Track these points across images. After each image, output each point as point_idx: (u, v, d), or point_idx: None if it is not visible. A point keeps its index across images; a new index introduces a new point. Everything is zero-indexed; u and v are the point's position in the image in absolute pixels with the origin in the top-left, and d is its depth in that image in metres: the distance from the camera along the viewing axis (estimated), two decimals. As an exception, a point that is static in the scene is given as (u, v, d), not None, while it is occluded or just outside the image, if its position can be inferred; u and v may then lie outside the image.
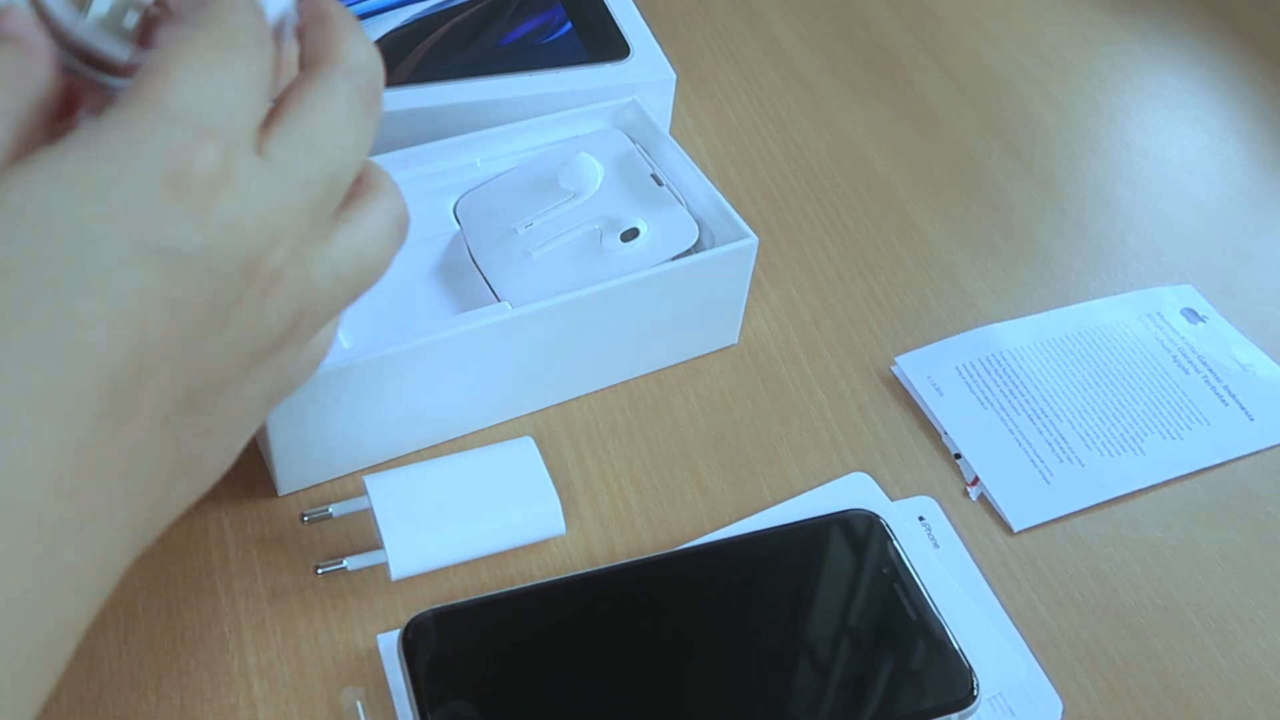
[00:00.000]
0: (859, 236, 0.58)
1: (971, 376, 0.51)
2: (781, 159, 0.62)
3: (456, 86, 0.54)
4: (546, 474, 0.44)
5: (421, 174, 0.51)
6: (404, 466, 0.44)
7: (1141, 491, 0.48)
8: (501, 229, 0.50)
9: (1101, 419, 0.50)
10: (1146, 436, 0.49)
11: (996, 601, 0.44)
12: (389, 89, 0.53)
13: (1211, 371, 0.52)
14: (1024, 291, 0.56)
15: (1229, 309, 0.55)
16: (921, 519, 0.46)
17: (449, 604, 0.41)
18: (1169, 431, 0.50)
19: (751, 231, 0.48)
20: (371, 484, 0.43)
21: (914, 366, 0.51)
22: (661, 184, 0.50)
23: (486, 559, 0.44)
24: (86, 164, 0.26)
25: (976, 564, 0.45)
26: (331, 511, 0.43)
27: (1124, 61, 0.70)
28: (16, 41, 0.29)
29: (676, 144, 0.51)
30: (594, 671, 0.40)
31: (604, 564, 0.43)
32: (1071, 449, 0.48)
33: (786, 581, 0.43)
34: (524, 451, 0.45)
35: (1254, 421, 0.50)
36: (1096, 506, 0.47)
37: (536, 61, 0.56)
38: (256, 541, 0.44)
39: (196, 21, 0.29)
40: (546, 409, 0.49)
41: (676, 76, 0.56)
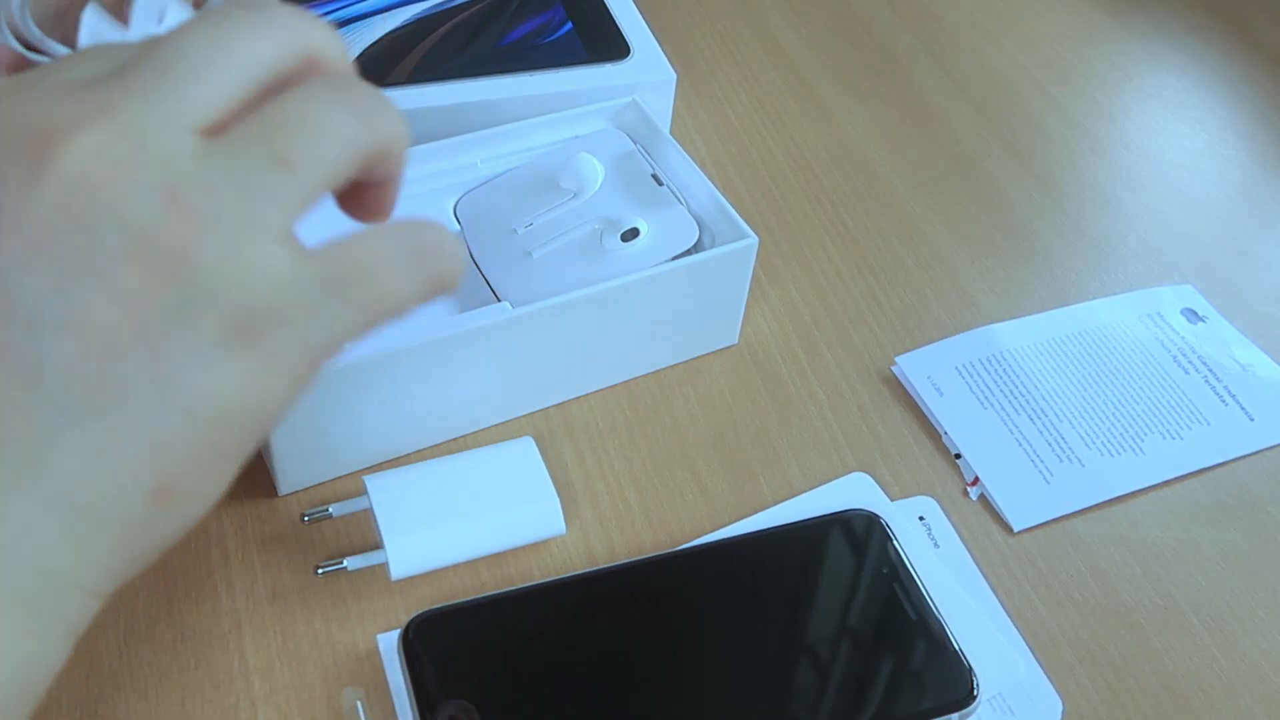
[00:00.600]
0: (859, 236, 0.58)
1: (971, 376, 0.51)
2: (781, 159, 0.62)
3: (456, 86, 0.54)
4: (546, 474, 0.44)
5: (421, 174, 0.51)
6: (404, 466, 0.44)
7: (1141, 491, 0.48)
8: (501, 229, 0.50)
9: (1101, 419, 0.50)
10: (1146, 436, 0.49)
11: (996, 601, 0.44)
12: (389, 89, 0.54)
13: (1211, 371, 0.52)
14: (1024, 291, 0.56)
15: (1229, 309, 0.55)
16: (921, 519, 0.46)
17: (449, 604, 0.41)
18: (1169, 431, 0.50)
19: (751, 231, 0.48)
20: (371, 484, 0.43)
21: (914, 366, 0.51)
22: (661, 184, 0.50)
23: (486, 559, 0.44)
24: None
25: (976, 564, 0.45)
26: (331, 511, 0.43)
27: (1124, 61, 0.70)
28: None
29: (676, 144, 0.51)
30: (594, 671, 0.40)
31: (604, 564, 0.43)
32: (1071, 449, 0.48)
33: (786, 581, 0.43)
34: (524, 451, 0.45)
35: (1254, 421, 0.50)
36: (1096, 506, 0.47)
37: (536, 61, 0.56)
38: (256, 541, 0.44)
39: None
40: (546, 409, 0.49)
41: (676, 76, 0.56)
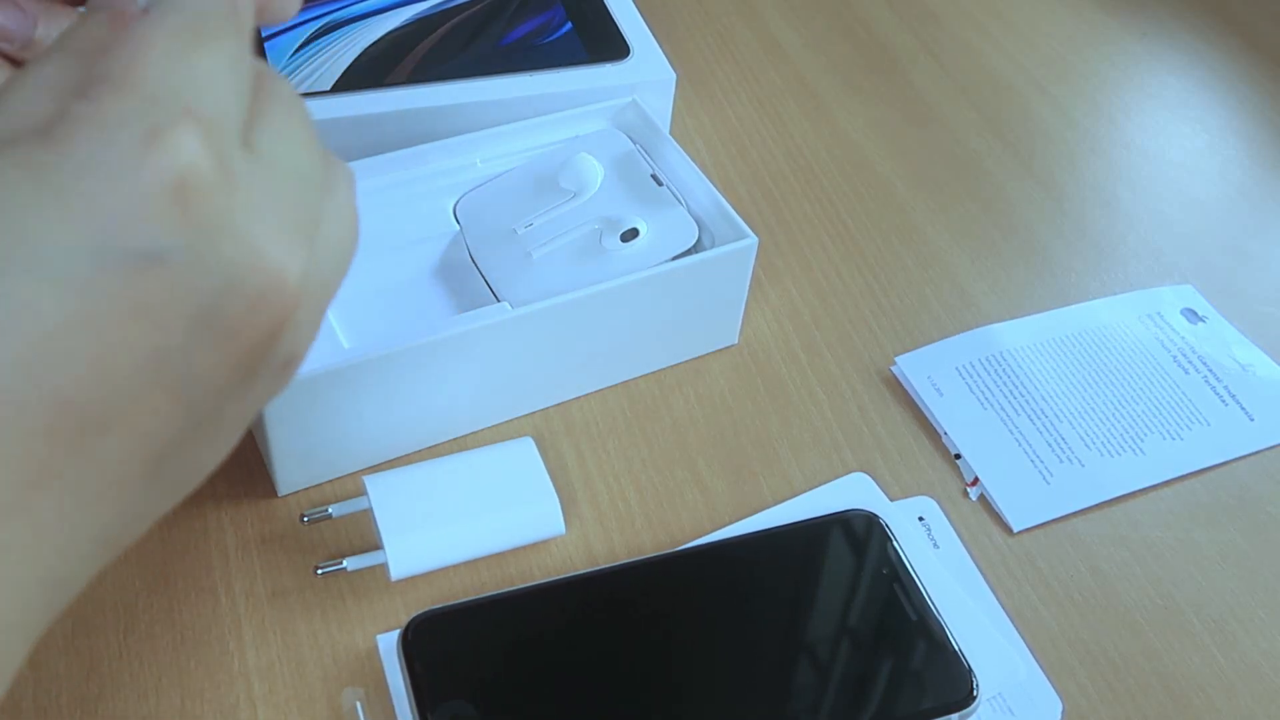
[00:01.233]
0: (859, 236, 0.58)
1: (971, 377, 0.51)
2: (781, 159, 0.62)
3: (456, 86, 0.54)
4: (546, 474, 0.44)
5: (421, 174, 0.51)
6: (404, 466, 0.44)
7: (1141, 491, 0.48)
8: (501, 229, 0.50)
9: (1101, 419, 0.50)
10: (1146, 436, 0.49)
11: (996, 601, 0.44)
12: (389, 89, 0.54)
13: (1211, 371, 0.52)
14: (1024, 291, 0.56)
15: (1229, 309, 0.55)
16: (921, 519, 0.46)
17: (449, 604, 0.41)
18: (1169, 431, 0.50)
19: (751, 231, 0.48)
20: (371, 484, 0.43)
21: (914, 366, 0.51)
22: (661, 184, 0.50)
23: (486, 559, 0.44)
24: (40, 158, 0.23)
25: (976, 564, 0.45)
26: (331, 512, 0.43)
27: (1124, 61, 0.70)
28: None
29: (676, 144, 0.51)
30: (594, 672, 0.40)
31: (604, 564, 0.43)
32: (1071, 449, 0.48)
33: (786, 582, 0.43)
34: (524, 451, 0.45)
35: (1254, 421, 0.50)
36: (1096, 506, 0.47)
37: (536, 61, 0.56)
38: (256, 542, 0.44)
39: (172, 5, 0.26)
40: (546, 409, 0.49)
41: (676, 76, 0.56)
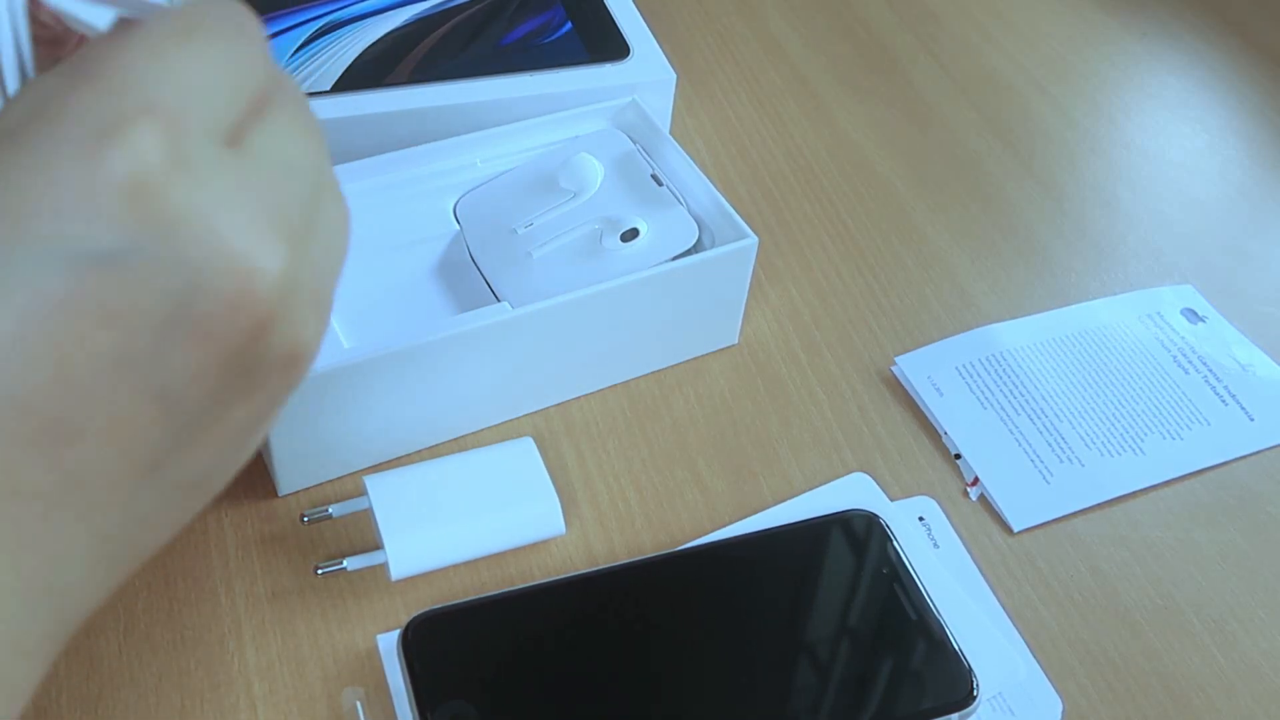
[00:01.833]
0: (859, 236, 0.58)
1: (971, 376, 0.51)
2: (781, 159, 0.62)
3: (456, 86, 0.54)
4: (546, 474, 0.44)
5: (421, 174, 0.51)
6: (404, 466, 0.44)
7: (1141, 491, 0.48)
8: (501, 229, 0.50)
9: (1101, 419, 0.50)
10: (1146, 436, 0.49)
11: (996, 601, 0.44)
12: (389, 89, 0.54)
13: (1211, 371, 0.52)
14: (1024, 291, 0.56)
15: (1229, 309, 0.55)
16: (921, 519, 0.46)
17: (449, 604, 0.41)
18: (1169, 431, 0.50)
19: (751, 231, 0.48)
20: (371, 484, 0.43)
21: (914, 366, 0.51)
22: (661, 184, 0.50)
23: (486, 559, 0.44)
24: None
25: (976, 564, 0.45)
26: (331, 512, 0.43)
27: (1124, 61, 0.70)
28: None
29: (676, 144, 0.51)
30: (594, 672, 0.40)
31: (604, 564, 0.43)
32: (1071, 449, 0.48)
33: (786, 582, 0.43)
34: (524, 451, 0.45)
35: (1254, 421, 0.50)
36: (1096, 506, 0.47)
37: (536, 61, 0.56)
38: (256, 542, 0.44)
39: (169, 9, 0.25)
40: (546, 409, 0.49)
41: (676, 76, 0.56)
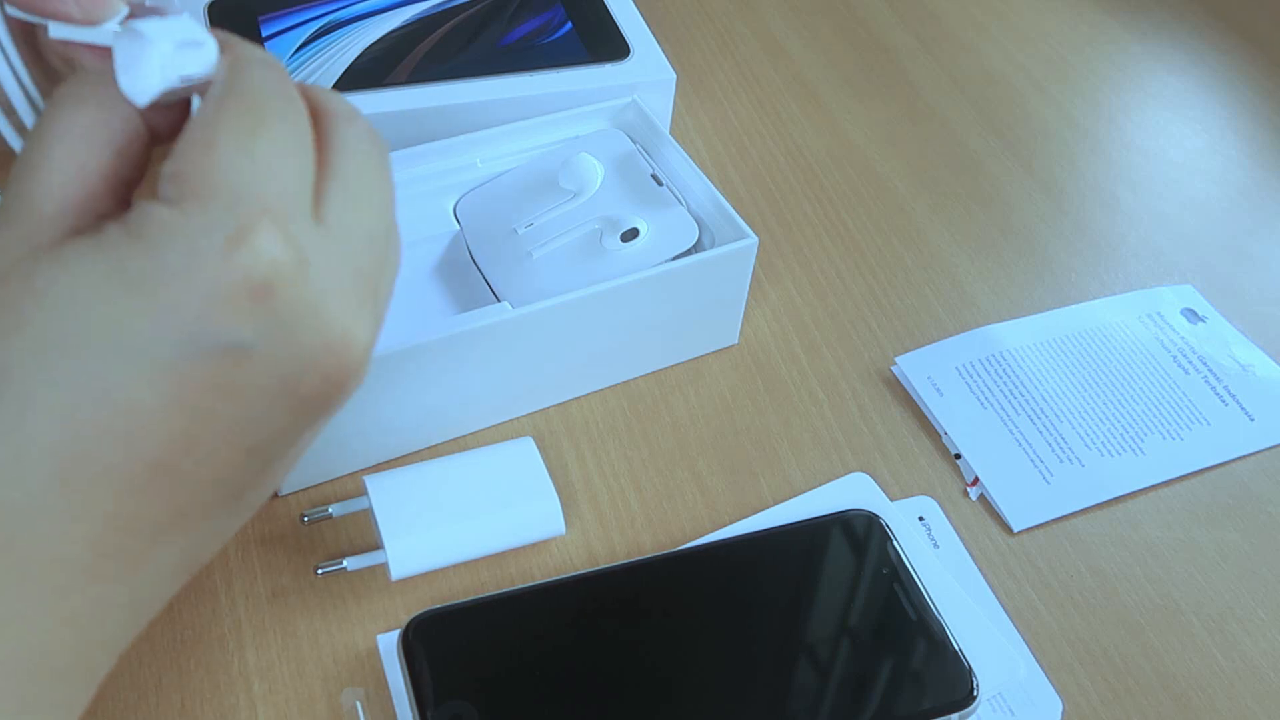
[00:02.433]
0: (859, 236, 0.58)
1: (971, 376, 0.51)
2: (781, 159, 0.62)
3: (456, 86, 0.54)
4: (546, 474, 0.44)
5: (421, 174, 0.51)
6: (404, 466, 0.44)
7: (1141, 491, 0.48)
8: (501, 229, 0.50)
9: (1101, 419, 0.50)
10: (1146, 436, 0.49)
11: (996, 601, 0.44)
12: (389, 89, 0.54)
13: (1211, 371, 0.52)
14: (1024, 291, 0.56)
15: (1229, 309, 0.55)
16: (921, 519, 0.46)
17: (449, 604, 0.41)
18: (1169, 431, 0.50)
19: (751, 231, 0.48)
20: (371, 484, 0.43)
21: (914, 366, 0.51)
22: (661, 184, 0.50)
23: (486, 559, 0.44)
24: (131, 258, 0.26)
25: (976, 564, 0.45)
26: (331, 511, 0.43)
27: (1124, 61, 0.70)
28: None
29: (676, 144, 0.51)
30: (594, 672, 0.40)
31: (604, 564, 0.43)
32: (1071, 449, 0.48)
33: (786, 582, 0.43)
34: (524, 451, 0.45)
35: (1254, 421, 0.50)
36: (1096, 506, 0.47)
37: (536, 61, 0.56)
38: (256, 541, 0.44)
39: (221, 92, 0.28)
40: (546, 409, 0.49)
41: (676, 76, 0.56)
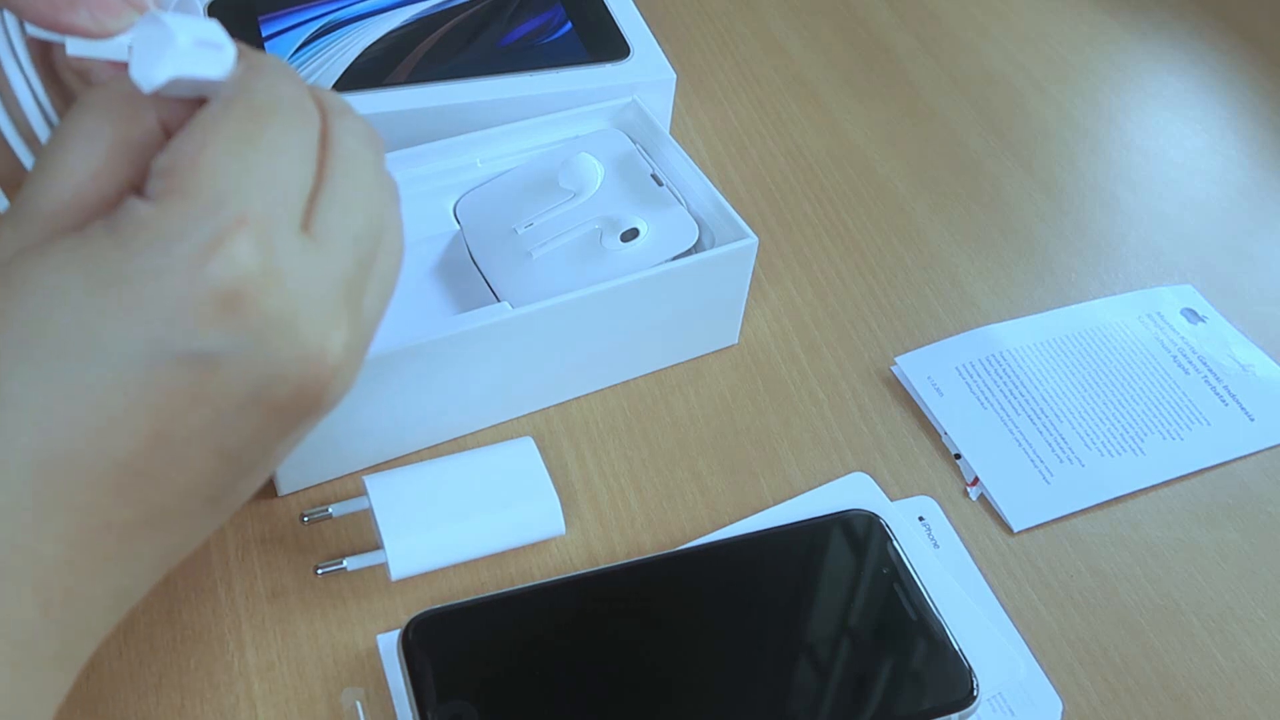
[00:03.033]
0: (859, 236, 0.58)
1: (971, 376, 0.51)
2: (781, 159, 0.62)
3: (456, 86, 0.54)
4: (546, 474, 0.44)
5: (421, 174, 0.51)
6: (404, 466, 0.44)
7: (1141, 491, 0.48)
8: (501, 229, 0.50)
9: (1101, 419, 0.50)
10: (1146, 436, 0.49)
11: (996, 601, 0.44)
12: (389, 89, 0.54)
13: (1211, 371, 0.52)
14: (1024, 291, 0.56)
15: (1229, 309, 0.55)
16: (921, 519, 0.46)
17: (449, 604, 0.41)
18: (1169, 431, 0.50)
19: (751, 231, 0.48)
20: (371, 484, 0.43)
21: (914, 366, 0.51)
22: (661, 184, 0.50)
23: (486, 559, 0.44)
24: (106, 256, 0.26)
25: (976, 564, 0.45)
26: (331, 511, 0.43)
27: (1124, 61, 0.70)
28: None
29: (676, 144, 0.51)
30: (594, 672, 0.40)
31: (604, 564, 0.43)
32: (1071, 449, 0.48)
33: (786, 582, 0.43)
34: (524, 451, 0.45)
35: (1254, 421, 0.50)
36: (1096, 506, 0.47)
37: (536, 61, 0.56)
38: (256, 542, 0.44)
39: (229, 95, 0.27)
40: (546, 409, 0.49)
41: (676, 76, 0.56)
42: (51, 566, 0.26)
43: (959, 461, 0.48)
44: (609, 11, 0.59)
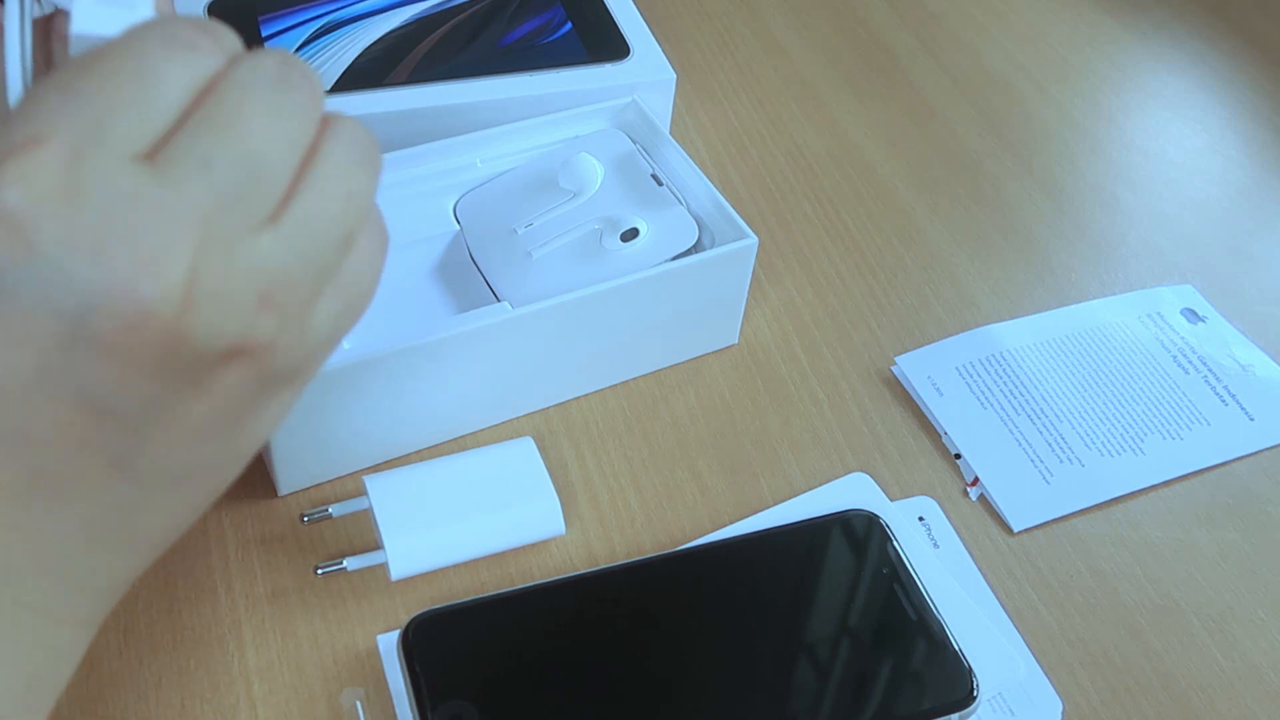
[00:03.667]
0: (859, 236, 0.58)
1: (971, 376, 0.51)
2: (781, 159, 0.62)
3: (456, 86, 0.54)
4: (546, 474, 0.44)
5: (421, 174, 0.51)
6: (404, 466, 0.44)
7: (1141, 491, 0.48)
8: (501, 229, 0.50)
9: (1101, 419, 0.50)
10: (1146, 436, 0.49)
11: (996, 601, 0.44)
12: (389, 89, 0.54)
13: (1211, 371, 0.52)
14: (1024, 291, 0.56)
15: (1229, 309, 0.55)
16: (921, 519, 0.46)
17: (449, 604, 0.41)
18: (1169, 431, 0.50)
19: (751, 231, 0.48)
20: (371, 484, 0.43)
21: (914, 366, 0.51)
22: (661, 184, 0.50)
23: (486, 559, 0.44)
24: None
25: (976, 564, 0.45)
26: (331, 512, 0.43)
27: (1124, 61, 0.70)
28: None
29: (676, 144, 0.51)
30: (594, 672, 0.40)
31: (604, 564, 0.43)
32: (1071, 449, 0.48)
33: (786, 582, 0.43)
34: (524, 451, 0.45)
35: (1254, 421, 0.50)
36: (1096, 506, 0.47)
37: (536, 61, 0.56)
38: (256, 542, 0.44)
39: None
40: (546, 409, 0.49)
41: (676, 76, 0.56)
42: None
43: (959, 461, 0.48)
44: (609, 11, 0.59)
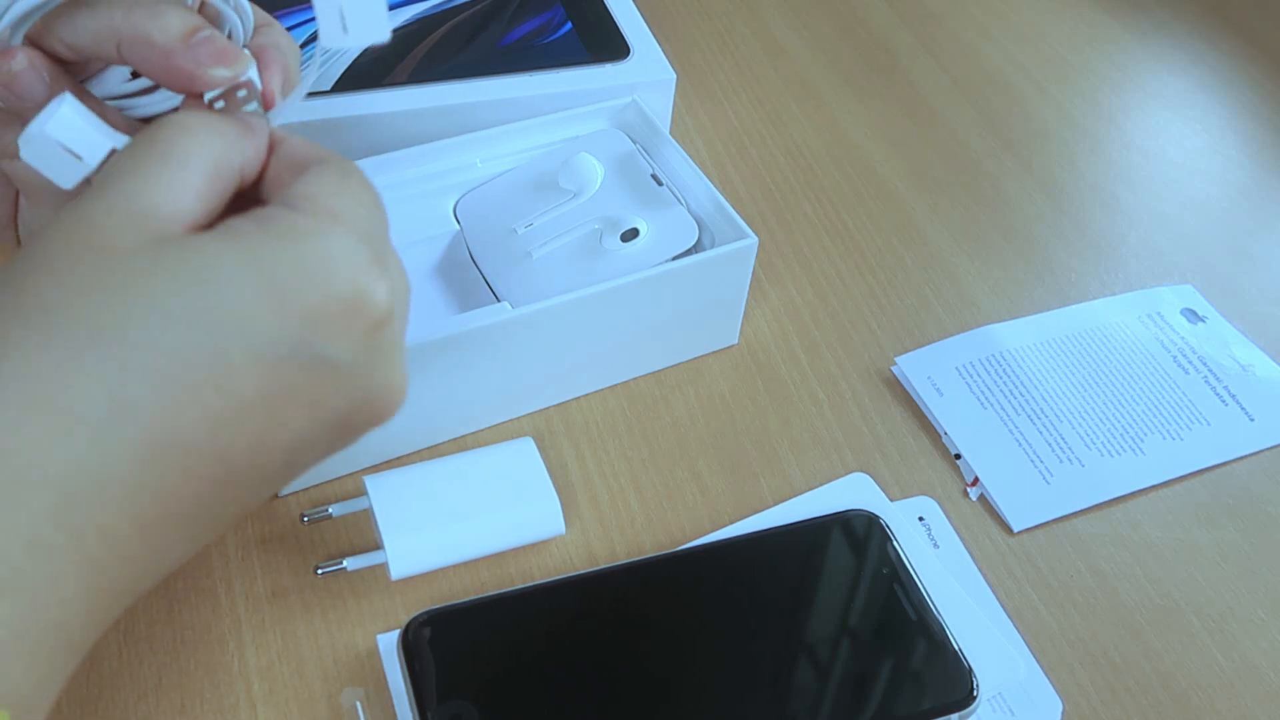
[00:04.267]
0: (859, 236, 0.58)
1: (971, 376, 0.51)
2: (781, 159, 0.62)
3: (456, 86, 0.54)
4: (546, 474, 0.44)
5: (421, 174, 0.51)
6: (404, 466, 0.44)
7: (1141, 491, 0.48)
8: (501, 229, 0.50)
9: (1101, 419, 0.50)
10: (1146, 436, 0.49)
11: (996, 601, 0.44)
12: (389, 89, 0.54)
13: (1211, 371, 0.52)
14: (1024, 291, 0.56)
15: (1229, 309, 0.55)
16: (921, 519, 0.46)
17: (449, 604, 0.41)
18: (1169, 431, 0.50)
19: (751, 231, 0.48)
20: (371, 484, 0.43)
21: (914, 366, 0.51)
22: (661, 184, 0.50)
23: (486, 559, 0.44)
24: (270, 252, 0.27)
25: (976, 564, 0.45)
26: (331, 512, 0.43)
27: (1124, 61, 0.70)
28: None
29: (676, 144, 0.51)
30: (594, 672, 0.40)
31: (604, 564, 0.43)
32: (1071, 449, 0.48)
33: (786, 582, 0.43)
34: (524, 451, 0.45)
35: (1254, 421, 0.50)
36: (1096, 506, 0.47)
37: (536, 61, 0.56)
38: (256, 542, 0.44)
39: (325, 156, 0.31)
40: (546, 409, 0.49)
41: (676, 76, 0.56)
42: (111, 543, 0.26)
43: (959, 461, 0.48)
44: (609, 11, 0.59)
